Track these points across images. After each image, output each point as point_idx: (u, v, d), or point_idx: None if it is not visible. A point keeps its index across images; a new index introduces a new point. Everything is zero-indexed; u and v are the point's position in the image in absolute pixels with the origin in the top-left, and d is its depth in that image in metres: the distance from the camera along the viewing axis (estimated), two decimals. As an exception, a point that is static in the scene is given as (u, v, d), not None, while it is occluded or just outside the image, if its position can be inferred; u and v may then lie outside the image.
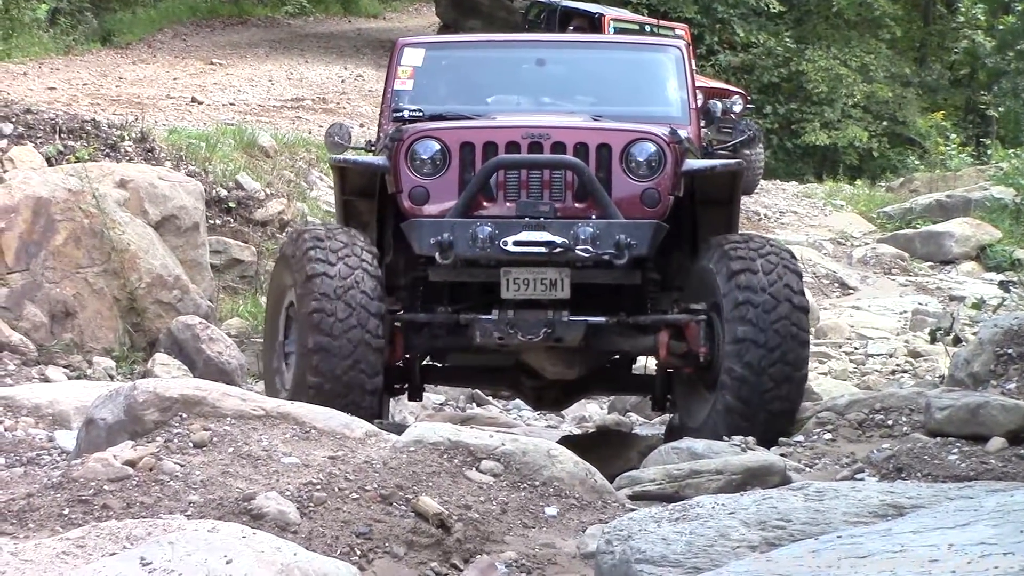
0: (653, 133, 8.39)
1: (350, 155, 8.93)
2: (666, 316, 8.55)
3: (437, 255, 8.12)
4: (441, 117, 8.94)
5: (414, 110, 9.02)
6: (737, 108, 19.85)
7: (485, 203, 8.28)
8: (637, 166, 8.31)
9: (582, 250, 8.08)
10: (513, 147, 8.32)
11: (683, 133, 8.72)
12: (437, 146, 8.34)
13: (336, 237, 8.29)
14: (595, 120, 8.85)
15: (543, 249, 8.12)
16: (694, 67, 9.77)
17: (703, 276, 8.40)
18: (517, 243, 8.11)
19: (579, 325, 8.32)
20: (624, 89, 9.69)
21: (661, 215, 8.31)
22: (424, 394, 9.50)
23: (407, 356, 8.74)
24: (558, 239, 8.10)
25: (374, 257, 8.27)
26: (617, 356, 9.34)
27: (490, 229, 8.11)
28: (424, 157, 8.32)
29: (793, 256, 8.44)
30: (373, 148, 9.43)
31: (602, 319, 8.44)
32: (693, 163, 8.54)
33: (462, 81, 9.68)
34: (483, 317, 8.34)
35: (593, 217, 8.19)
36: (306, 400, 7.34)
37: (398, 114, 9.05)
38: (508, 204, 8.27)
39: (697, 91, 9.51)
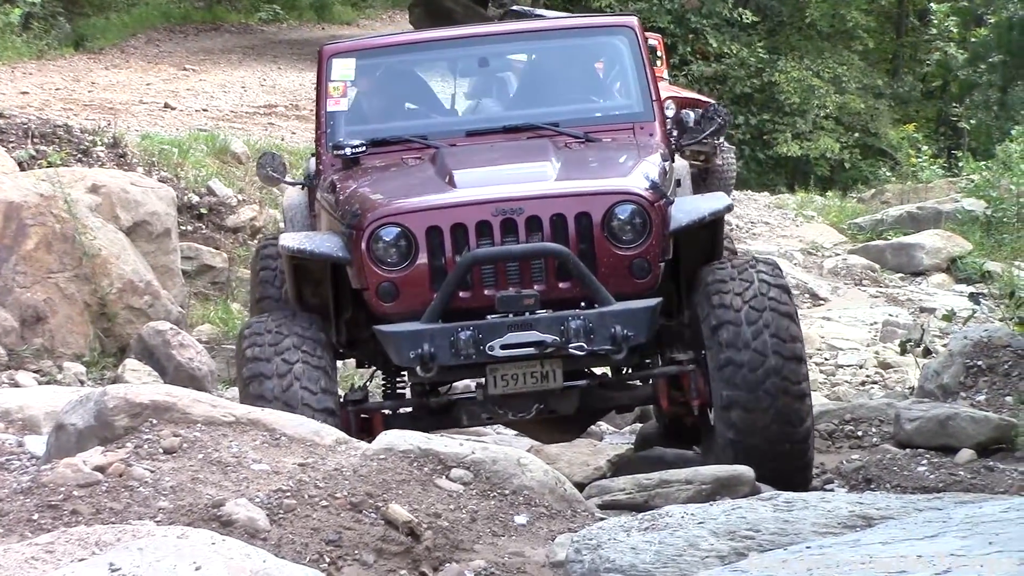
0: (635, 193, 7.56)
1: (303, 242, 7.68)
2: (654, 371, 8.02)
3: (418, 369, 7.33)
4: (385, 143, 8.41)
5: (356, 145, 8.28)
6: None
7: (461, 293, 7.46)
8: (621, 231, 7.52)
9: (575, 348, 7.31)
10: (484, 226, 7.48)
11: (657, 142, 8.22)
12: (399, 230, 7.50)
13: (276, 330, 7.62)
14: (564, 143, 8.24)
15: (532, 350, 7.33)
16: (666, 76, 9.31)
17: (692, 322, 7.77)
18: (504, 346, 7.32)
19: (572, 393, 7.63)
20: (578, 84, 9.04)
21: (652, 286, 7.53)
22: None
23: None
24: (548, 337, 7.30)
25: (318, 345, 7.60)
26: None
27: (471, 333, 7.31)
28: (387, 241, 7.50)
29: (787, 291, 7.62)
30: (314, 182, 8.68)
31: (592, 381, 7.81)
32: (680, 217, 7.71)
33: (402, 94, 9.03)
34: (467, 397, 7.79)
35: (582, 305, 7.41)
36: None
37: (339, 151, 8.31)
38: (486, 292, 7.46)
39: (656, 76, 8.86)
